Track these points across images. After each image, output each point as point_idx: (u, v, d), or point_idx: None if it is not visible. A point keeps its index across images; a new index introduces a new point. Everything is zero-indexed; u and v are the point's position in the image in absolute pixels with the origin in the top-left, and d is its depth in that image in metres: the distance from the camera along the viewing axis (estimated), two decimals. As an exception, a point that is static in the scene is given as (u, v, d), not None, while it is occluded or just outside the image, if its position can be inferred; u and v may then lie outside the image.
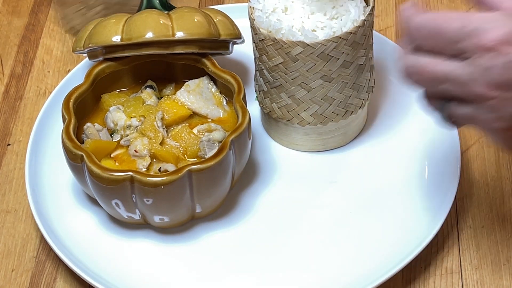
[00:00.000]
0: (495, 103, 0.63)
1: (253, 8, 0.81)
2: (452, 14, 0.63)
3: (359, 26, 0.79)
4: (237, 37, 0.86)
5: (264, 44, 0.80)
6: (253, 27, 0.81)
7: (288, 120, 0.85)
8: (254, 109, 0.89)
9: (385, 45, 0.93)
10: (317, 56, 0.79)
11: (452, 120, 0.67)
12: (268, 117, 0.88)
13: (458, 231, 0.83)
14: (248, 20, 0.82)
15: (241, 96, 0.81)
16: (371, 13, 0.80)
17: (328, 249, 0.80)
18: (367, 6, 0.81)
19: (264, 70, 0.83)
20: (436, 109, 0.67)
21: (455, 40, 0.62)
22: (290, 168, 0.87)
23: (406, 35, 0.65)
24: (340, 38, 0.78)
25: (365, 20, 0.79)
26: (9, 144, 0.92)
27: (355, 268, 0.79)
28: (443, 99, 0.66)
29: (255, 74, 0.86)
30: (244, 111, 0.80)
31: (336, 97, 0.82)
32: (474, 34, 0.61)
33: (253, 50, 0.84)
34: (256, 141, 0.89)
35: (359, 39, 0.80)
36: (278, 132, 0.88)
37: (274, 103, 0.84)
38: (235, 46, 0.89)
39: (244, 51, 0.92)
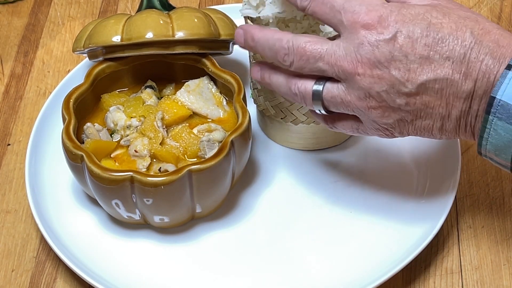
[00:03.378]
0: (362, 80, 0.68)
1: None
2: None
3: None
4: (237, 37, 0.86)
5: None
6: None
7: (282, 118, 0.85)
8: (252, 108, 0.89)
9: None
10: None
11: (327, 106, 0.71)
12: (262, 115, 0.88)
13: (458, 231, 0.83)
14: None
15: (241, 96, 0.81)
16: None
17: (328, 249, 0.80)
18: None
19: None
20: (313, 97, 0.71)
21: (338, 10, 0.69)
22: (290, 168, 0.87)
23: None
24: (335, 38, 0.78)
25: None
26: (9, 144, 0.92)
27: (355, 268, 0.79)
28: (319, 80, 0.70)
29: (250, 72, 0.86)
30: (244, 111, 0.80)
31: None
32: (353, 12, 0.68)
33: None
34: (256, 141, 0.89)
35: None
36: (273, 130, 0.88)
37: (267, 101, 0.85)
38: (235, 46, 0.89)
39: (244, 51, 0.91)
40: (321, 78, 0.71)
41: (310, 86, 0.71)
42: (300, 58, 0.70)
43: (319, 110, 0.72)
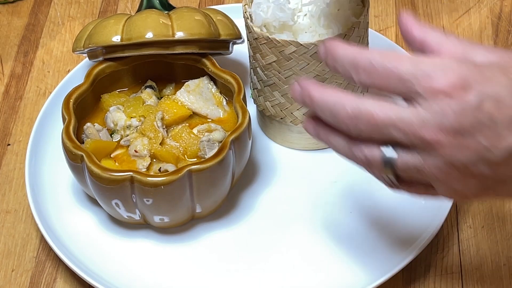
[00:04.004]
0: (444, 149, 0.59)
1: (247, 6, 0.81)
2: (402, 56, 0.60)
3: (353, 27, 0.79)
4: (237, 37, 0.86)
5: (257, 42, 0.80)
6: (247, 26, 0.81)
7: (282, 118, 0.85)
8: (252, 108, 0.89)
9: (385, 46, 0.93)
10: (310, 56, 0.79)
11: (398, 173, 0.63)
12: (262, 115, 0.88)
13: (458, 231, 0.83)
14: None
15: (241, 96, 0.81)
16: (366, 15, 0.80)
17: (328, 249, 0.80)
18: (363, 7, 0.81)
19: (258, 68, 0.83)
20: (381, 163, 0.63)
21: (407, 79, 0.59)
22: (290, 168, 0.87)
23: (355, 73, 0.61)
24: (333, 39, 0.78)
25: (359, 21, 0.79)
26: (9, 144, 0.92)
27: (355, 268, 0.79)
28: (387, 144, 0.62)
29: (250, 72, 0.86)
30: (244, 111, 0.80)
31: (330, 97, 0.82)
32: (428, 77, 0.59)
33: (248, 48, 0.84)
34: (256, 141, 0.89)
35: (354, 40, 0.80)
36: (273, 130, 0.88)
37: (267, 101, 0.85)
38: (235, 46, 0.89)
39: (244, 51, 0.92)
40: (389, 142, 0.62)
41: (378, 152, 0.62)
42: (368, 125, 0.62)
43: (387, 176, 0.65)
